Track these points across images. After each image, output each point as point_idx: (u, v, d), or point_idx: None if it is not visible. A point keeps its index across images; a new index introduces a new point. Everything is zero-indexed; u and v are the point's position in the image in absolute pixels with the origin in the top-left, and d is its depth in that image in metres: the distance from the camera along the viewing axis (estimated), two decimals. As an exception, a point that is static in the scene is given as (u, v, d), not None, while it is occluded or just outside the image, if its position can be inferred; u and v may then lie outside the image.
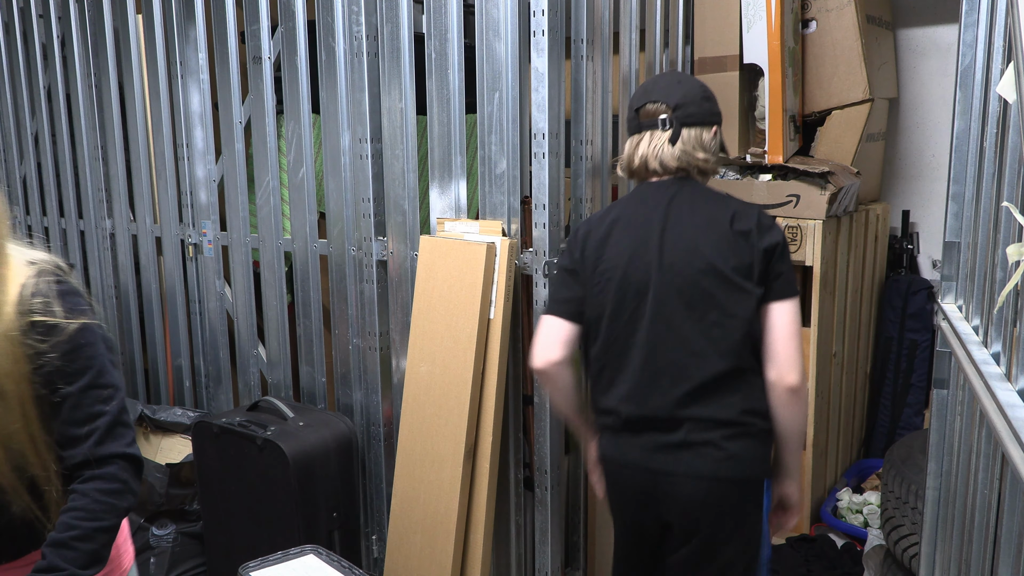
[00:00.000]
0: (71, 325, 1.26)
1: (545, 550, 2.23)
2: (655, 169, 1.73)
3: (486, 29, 2.09)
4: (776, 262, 1.64)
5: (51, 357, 1.24)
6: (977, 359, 1.21)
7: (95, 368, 1.29)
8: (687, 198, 1.70)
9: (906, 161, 3.38)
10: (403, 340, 2.40)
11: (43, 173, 3.27)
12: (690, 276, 1.63)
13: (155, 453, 2.82)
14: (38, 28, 3.15)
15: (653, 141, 1.72)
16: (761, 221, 1.66)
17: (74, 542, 1.26)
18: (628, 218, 1.73)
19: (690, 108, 1.71)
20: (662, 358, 1.65)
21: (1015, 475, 0.97)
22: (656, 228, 1.68)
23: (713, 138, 1.74)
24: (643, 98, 1.76)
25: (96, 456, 1.29)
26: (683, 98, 1.71)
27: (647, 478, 1.67)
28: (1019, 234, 1.09)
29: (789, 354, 1.62)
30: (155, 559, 2.58)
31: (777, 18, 2.72)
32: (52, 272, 1.29)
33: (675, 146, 1.70)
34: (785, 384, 1.62)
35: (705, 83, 1.80)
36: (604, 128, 2.42)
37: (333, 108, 2.40)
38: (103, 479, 1.30)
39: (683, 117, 1.71)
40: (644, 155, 1.73)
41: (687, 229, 1.66)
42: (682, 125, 1.71)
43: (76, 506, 1.28)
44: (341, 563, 1.73)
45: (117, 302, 3.17)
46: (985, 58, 1.46)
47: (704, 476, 1.62)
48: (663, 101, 1.72)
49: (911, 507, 2.20)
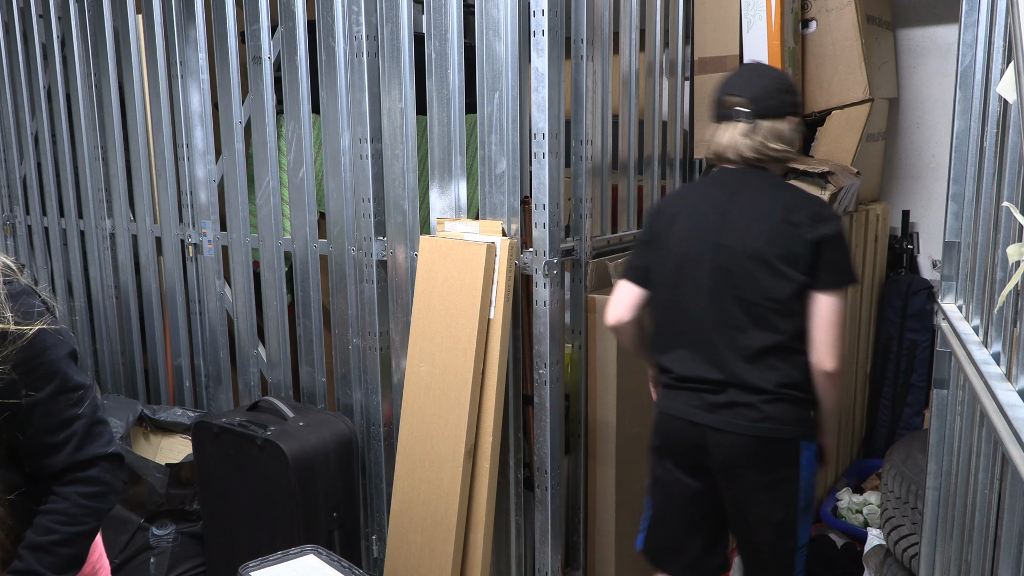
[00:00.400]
0: (26, 332, 1.19)
1: (545, 550, 2.23)
2: (732, 158, 1.87)
3: (486, 29, 2.09)
4: (824, 254, 1.76)
5: (4, 367, 1.17)
6: (977, 359, 1.21)
7: (60, 372, 1.24)
8: (751, 186, 1.85)
9: (906, 161, 3.38)
10: (403, 340, 2.40)
11: (43, 173, 3.27)
12: (739, 258, 1.79)
13: (155, 453, 2.82)
14: (38, 28, 3.15)
15: (732, 132, 1.86)
16: (816, 213, 1.78)
17: (53, 546, 1.23)
18: (697, 200, 1.91)
19: (768, 101, 1.83)
20: (710, 329, 1.83)
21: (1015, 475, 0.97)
22: (718, 212, 1.84)
23: (791, 128, 1.86)
24: (725, 89, 1.89)
25: (77, 461, 1.26)
26: (761, 91, 1.84)
27: (694, 431, 1.85)
28: (1019, 234, 1.09)
29: (828, 341, 1.76)
30: (155, 559, 2.58)
31: (777, 18, 2.72)
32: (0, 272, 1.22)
33: (751, 137, 1.84)
34: (822, 368, 1.78)
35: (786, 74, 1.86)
36: (604, 128, 2.42)
37: (333, 108, 2.40)
38: (85, 482, 1.26)
39: (761, 110, 1.83)
40: (723, 144, 1.88)
41: (744, 215, 1.81)
42: (759, 117, 1.84)
43: (56, 509, 1.24)
44: (341, 563, 1.73)
45: (117, 302, 3.17)
46: (985, 58, 1.46)
47: (743, 433, 1.79)
48: (742, 94, 1.85)
49: (911, 507, 2.20)
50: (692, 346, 1.86)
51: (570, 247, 2.32)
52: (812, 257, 1.75)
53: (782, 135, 1.85)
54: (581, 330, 2.39)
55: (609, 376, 2.40)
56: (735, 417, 1.80)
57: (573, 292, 2.39)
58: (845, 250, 1.79)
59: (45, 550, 1.22)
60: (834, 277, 1.76)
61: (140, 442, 2.84)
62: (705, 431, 1.83)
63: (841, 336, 1.77)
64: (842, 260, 1.78)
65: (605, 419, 2.42)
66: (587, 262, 2.36)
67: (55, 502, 1.25)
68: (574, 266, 2.37)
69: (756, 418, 1.78)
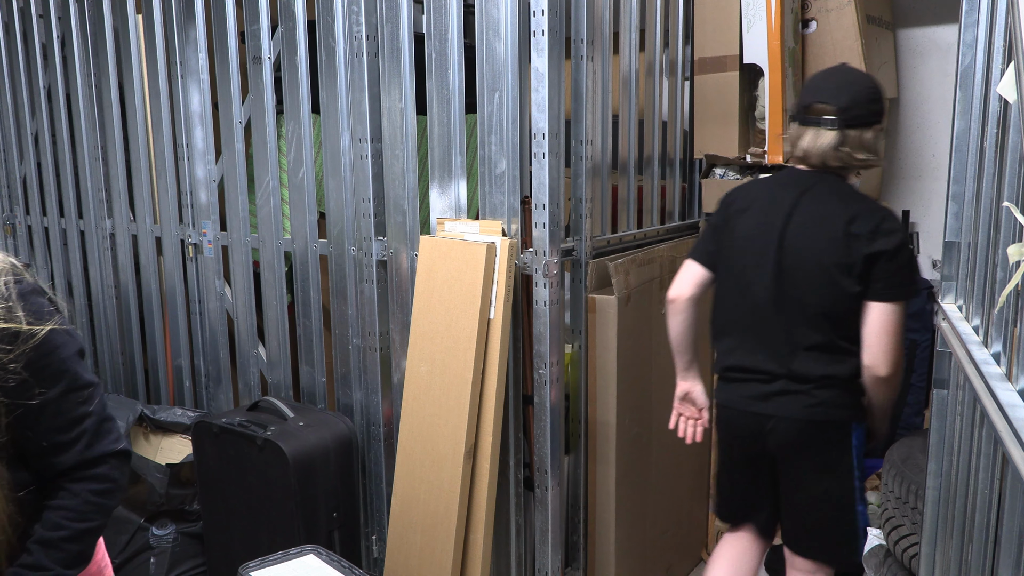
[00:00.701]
0: (37, 332, 1.20)
1: (545, 550, 2.23)
2: (813, 162, 1.93)
3: (486, 29, 2.09)
4: (879, 267, 1.82)
5: (16, 367, 1.18)
6: (977, 359, 1.21)
7: (70, 371, 1.25)
8: (819, 192, 1.92)
9: (906, 161, 3.38)
10: (403, 340, 2.40)
11: (43, 173, 3.27)
12: (799, 261, 1.89)
13: (155, 453, 2.81)
14: (38, 28, 3.15)
15: (817, 138, 1.91)
16: (879, 227, 1.83)
17: (62, 543, 1.24)
18: (766, 198, 1.99)
19: (856, 111, 1.87)
20: (767, 322, 1.94)
21: (1015, 475, 0.97)
22: (786, 213, 1.92)
23: (874, 137, 1.90)
24: (814, 96, 1.93)
25: (87, 459, 1.27)
26: (850, 101, 1.88)
27: (752, 420, 1.97)
28: (1019, 234, 1.09)
29: (882, 348, 1.84)
30: (155, 559, 2.58)
31: (777, 18, 2.72)
32: (10, 272, 1.22)
33: (838, 148, 1.89)
34: (874, 374, 1.86)
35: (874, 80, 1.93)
36: (604, 128, 2.42)
37: (333, 108, 2.40)
38: (95, 479, 1.28)
39: (849, 120, 1.88)
40: (806, 148, 1.93)
41: (807, 220, 1.90)
42: (847, 127, 1.88)
43: (66, 505, 1.25)
44: (341, 563, 1.73)
45: (117, 302, 3.17)
46: (985, 58, 1.46)
47: (797, 418, 1.91)
48: (832, 103, 1.89)
49: (911, 507, 2.20)
50: (748, 335, 1.97)
51: (570, 247, 2.32)
52: (866, 269, 1.82)
53: (867, 144, 1.90)
54: (581, 330, 2.39)
55: (609, 376, 2.40)
56: (789, 404, 1.91)
57: (573, 292, 2.39)
58: (904, 263, 1.84)
59: (54, 546, 1.24)
60: (889, 290, 1.83)
61: (140, 442, 2.84)
62: (762, 419, 1.95)
63: (896, 344, 1.84)
64: (899, 273, 1.83)
65: (605, 419, 2.42)
66: (587, 262, 2.36)
67: (64, 498, 1.26)
68: (574, 266, 2.37)
69: (809, 403, 1.89)
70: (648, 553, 2.72)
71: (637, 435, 2.57)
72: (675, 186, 2.98)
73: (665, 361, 2.70)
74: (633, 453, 2.55)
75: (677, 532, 2.92)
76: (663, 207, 2.93)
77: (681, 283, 2.08)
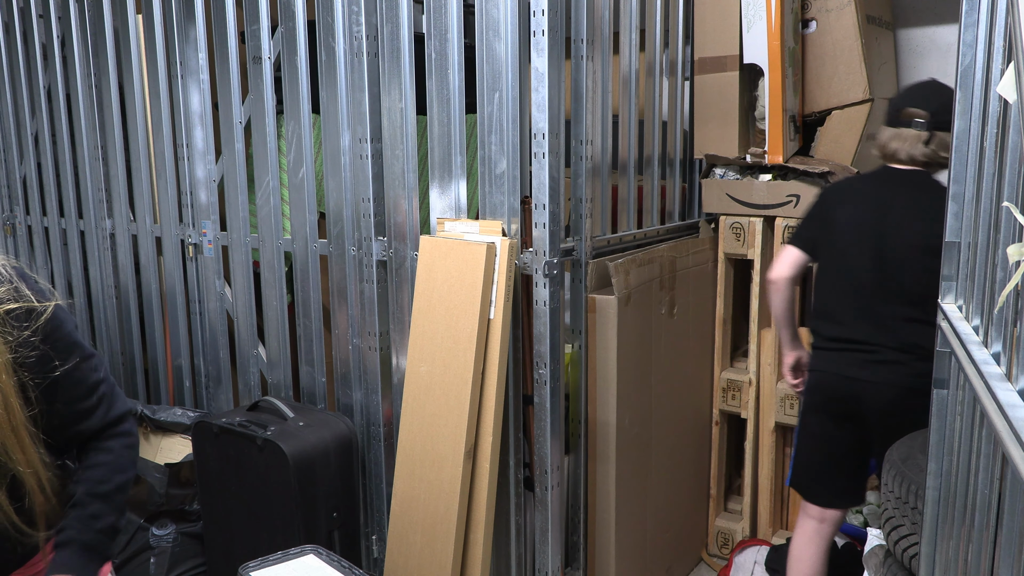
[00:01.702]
0: (48, 307, 1.27)
1: (545, 550, 2.23)
2: (904, 160, 2.21)
3: (486, 29, 2.09)
4: None
5: (33, 341, 1.24)
6: (977, 359, 1.21)
7: (77, 342, 1.33)
8: (915, 187, 2.19)
9: (906, 161, 3.37)
10: (403, 340, 2.40)
11: (43, 173, 3.27)
12: (897, 248, 2.15)
13: (155, 453, 2.82)
14: (38, 28, 3.15)
15: (908, 139, 2.20)
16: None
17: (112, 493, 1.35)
18: (865, 192, 2.25)
19: (943, 115, 2.12)
20: (865, 298, 2.19)
21: (1015, 475, 0.97)
22: (883, 205, 2.19)
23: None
24: (906, 101, 2.23)
25: (110, 419, 1.37)
26: (939, 106, 2.16)
27: (851, 386, 2.21)
28: (1019, 234, 1.09)
29: None
30: (155, 559, 2.58)
31: (777, 18, 2.72)
32: (3, 256, 1.30)
33: (927, 146, 2.18)
34: None
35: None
36: (604, 128, 2.42)
37: (333, 108, 2.40)
38: (123, 435, 1.39)
39: (937, 123, 2.16)
40: (897, 148, 2.21)
41: (904, 212, 2.16)
42: (935, 128, 2.17)
43: (105, 461, 1.35)
44: (341, 563, 1.73)
45: (117, 302, 3.17)
46: (985, 58, 1.46)
47: (896, 384, 2.15)
48: (923, 107, 2.19)
49: (911, 507, 2.20)
50: (852, 312, 2.21)
51: (570, 247, 2.32)
52: None
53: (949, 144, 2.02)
54: (581, 330, 2.39)
55: (609, 376, 2.40)
56: (890, 372, 2.15)
57: (573, 292, 2.39)
58: None
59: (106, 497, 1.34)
60: None
61: (140, 442, 2.84)
62: (862, 384, 2.18)
63: None
64: None
65: (605, 419, 2.42)
66: (587, 262, 2.36)
67: (102, 455, 1.36)
68: (574, 266, 2.37)
69: (908, 373, 2.13)
70: (648, 553, 2.72)
71: (637, 435, 2.57)
72: (675, 186, 2.98)
73: (665, 361, 2.70)
74: (633, 453, 2.55)
75: (677, 532, 2.92)
76: (663, 207, 2.93)
77: (781, 265, 2.34)
